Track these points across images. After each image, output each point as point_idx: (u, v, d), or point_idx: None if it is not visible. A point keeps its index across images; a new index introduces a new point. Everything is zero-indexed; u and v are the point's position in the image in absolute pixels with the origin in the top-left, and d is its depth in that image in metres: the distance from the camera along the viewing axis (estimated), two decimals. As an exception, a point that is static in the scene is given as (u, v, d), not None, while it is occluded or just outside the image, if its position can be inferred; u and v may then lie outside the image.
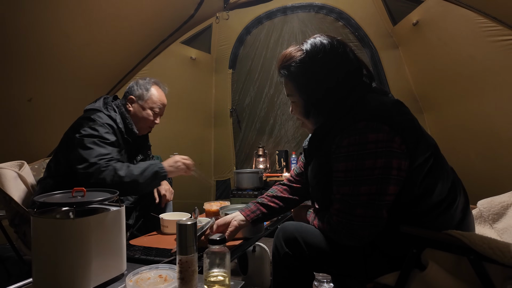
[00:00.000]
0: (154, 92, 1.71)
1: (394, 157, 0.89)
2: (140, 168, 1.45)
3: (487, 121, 2.26)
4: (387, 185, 0.90)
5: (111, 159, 1.45)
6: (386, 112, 0.93)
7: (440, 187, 0.94)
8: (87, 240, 0.88)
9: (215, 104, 3.61)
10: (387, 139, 0.89)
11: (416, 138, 0.93)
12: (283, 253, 1.07)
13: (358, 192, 0.91)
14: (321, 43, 1.01)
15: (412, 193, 0.93)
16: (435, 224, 0.95)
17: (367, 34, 2.97)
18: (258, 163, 3.15)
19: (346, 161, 0.92)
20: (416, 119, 1.01)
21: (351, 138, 0.91)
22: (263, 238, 1.55)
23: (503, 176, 2.17)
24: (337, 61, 1.00)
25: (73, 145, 1.45)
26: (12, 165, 1.61)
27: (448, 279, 0.89)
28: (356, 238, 0.93)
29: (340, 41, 1.03)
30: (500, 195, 1.24)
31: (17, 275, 1.82)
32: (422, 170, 0.93)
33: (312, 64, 1.00)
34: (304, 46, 1.02)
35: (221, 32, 3.41)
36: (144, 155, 1.81)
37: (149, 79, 1.76)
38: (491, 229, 1.19)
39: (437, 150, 1.00)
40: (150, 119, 1.71)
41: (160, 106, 1.73)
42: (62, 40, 2.19)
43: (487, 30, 2.04)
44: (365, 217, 0.91)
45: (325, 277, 1.83)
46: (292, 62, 1.02)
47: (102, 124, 1.52)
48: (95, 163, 1.38)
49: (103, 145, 1.46)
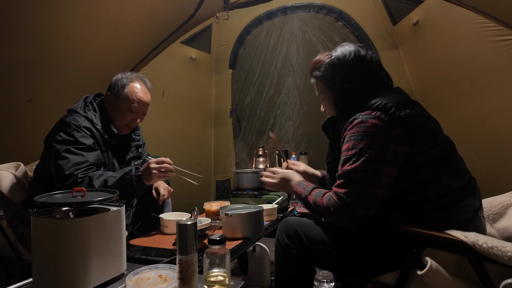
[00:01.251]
0: (131, 90, 1.57)
1: (391, 141, 0.99)
2: (115, 178, 1.38)
3: (487, 121, 2.25)
4: (382, 165, 0.98)
5: (88, 167, 1.40)
6: (391, 104, 1.02)
7: (447, 182, 0.99)
8: (87, 240, 0.88)
9: (215, 104, 3.60)
10: (386, 126, 1.00)
11: (419, 129, 1.01)
12: (284, 245, 1.12)
13: (356, 169, 0.99)
14: (347, 48, 1.17)
15: (413, 180, 1.00)
16: (439, 216, 0.98)
17: (367, 34, 2.97)
18: (258, 163, 3.15)
19: (348, 141, 1.03)
20: (428, 116, 1.11)
21: (355, 123, 1.03)
22: (263, 238, 1.56)
23: (503, 176, 2.17)
24: (360, 63, 1.14)
25: (50, 153, 1.43)
26: (8, 166, 1.62)
27: (448, 279, 0.89)
28: (350, 215, 0.99)
29: (364, 46, 1.19)
30: (500, 195, 1.25)
31: (17, 275, 1.82)
32: (423, 158, 1.00)
33: (339, 65, 1.15)
34: (333, 52, 1.19)
35: (221, 32, 3.41)
36: (133, 154, 1.74)
37: (129, 73, 1.64)
38: (491, 229, 1.19)
39: (450, 148, 1.09)
40: (127, 118, 1.60)
41: (137, 105, 1.58)
42: (62, 40, 2.18)
43: (487, 30, 2.04)
44: (360, 193, 0.98)
45: (325, 277, 1.83)
46: (321, 65, 1.19)
47: (77, 128, 1.45)
48: (71, 175, 1.35)
49: (78, 152, 1.41)
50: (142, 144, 1.84)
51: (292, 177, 1.26)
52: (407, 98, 1.13)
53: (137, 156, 1.79)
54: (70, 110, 1.56)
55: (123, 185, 1.36)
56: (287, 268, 1.13)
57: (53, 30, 2.09)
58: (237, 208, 1.51)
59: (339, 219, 1.01)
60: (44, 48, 2.14)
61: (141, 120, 1.68)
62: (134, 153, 1.76)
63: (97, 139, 1.52)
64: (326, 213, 1.04)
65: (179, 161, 1.79)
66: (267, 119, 3.41)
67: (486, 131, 2.28)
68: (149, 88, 1.67)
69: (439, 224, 0.95)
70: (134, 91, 1.58)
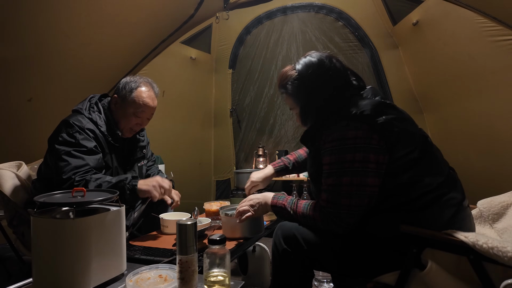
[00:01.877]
0: (138, 94, 1.56)
1: (372, 152, 1.00)
2: (109, 183, 1.37)
3: (487, 121, 2.25)
4: (366, 177, 0.99)
5: (87, 170, 1.39)
6: (367, 112, 1.03)
7: (428, 181, 1.00)
8: (87, 240, 0.88)
9: (215, 104, 3.60)
10: (365, 136, 1.00)
11: (397, 135, 1.02)
12: (281, 250, 1.10)
13: (341, 183, 1.01)
14: (310, 61, 1.15)
15: (395, 183, 1.01)
16: (424, 215, 0.99)
17: (367, 34, 2.97)
18: (258, 163, 3.15)
19: (330, 155, 1.04)
20: (403, 117, 1.09)
21: (334, 135, 1.04)
22: (263, 238, 1.55)
23: (503, 176, 2.17)
24: (325, 73, 1.13)
25: (52, 154, 1.43)
26: (10, 165, 1.61)
27: (448, 279, 0.89)
28: (344, 226, 1.02)
29: (328, 55, 1.17)
30: (500, 195, 1.24)
31: (17, 275, 1.82)
32: (403, 161, 1.01)
33: (304, 80, 1.15)
34: (296, 65, 1.17)
35: (221, 32, 3.41)
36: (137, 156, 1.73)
37: (138, 77, 1.63)
38: (491, 229, 1.19)
39: (427, 146, 1.08)
40: (132, 122, 1.59)
41: (143, 110, 1.58)
42: (62, 40, 2.18)
43: (487, 30, 2.04)
44: (350, 206, 1.00)
45: (325, 277, 1.83)
46: (288, 81, 1.18)
47: (80, 130, 1.44)
48: (68, 179, 1.35)
49: (79, 155, 1.40)
50: (146, 144, 1.82)
51: (266, 197, 1.25)
52: (381, 102, 1.11)
53: (142, 157, 1.77)
54: (75, 111, 1.55)
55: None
56: (285, 273, 1.12)
57: (53, 30, 2.09)
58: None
59: (333, 230, 1.04)
60: (44, 48, 2.14)
61: (145, 125, 1.68)
62: (138, 155, 1.74)
63: (100, 141, 1.51)
64: (321, 224, 1.06)
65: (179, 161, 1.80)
66: (267, 119, 3.41)
67: (486, 131, 2.28)
68: (156, 94, 1.65)
69: (426, 223, 0.96)
70: (142, 96, 1.57)
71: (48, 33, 2.09)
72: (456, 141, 2.51)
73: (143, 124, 1.65)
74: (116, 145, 1.59)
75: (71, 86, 2.41)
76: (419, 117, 2.73)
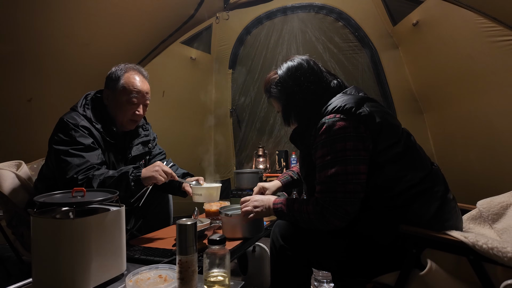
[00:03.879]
0: (127, 80, 1.52)
1: (360, 140, 1.03)
2: (112, 178, 1.36)
3: (487, 121, 2.26)
4: (358, 164, 1.02)
5: (89, 167, 1.38)
6: (350, 105, 1.06)
7: (411, 175, 1.03)
8: (87, 240, 0.88)
9: (215, 104, 3.60)
10: (353, 125, 1.04)
11: (380, 126, 1.04)
12: (279, 246, 1.11)
13: (336, 173, 1.03)
14: (290, 64, 1.23)
15: (382, 177, 1.03)
16: (412, 209, 1.01)
17: (367, 34, 2.97)
18: (258, 163, 3.15)
19: (322, 148, 1.07)
20: (385, 111, 1.12)
21: (324, 129, 1.06)
22: (263, 238, 1.55)
23: (503, 176, 2.17)
24: (303, 75, 1.19)
25: (51, 154, 1.43)
26: (9, 165, 1.60)
27: (448, 279, 0.89)
28: (341, 215, 1.02)
29: (307, 59, 1.24)
30: (500, 195, 1.24)
31: (17, 275, 1.82)
32: (385, 155, 1.04)
33: (285, 83, 1.21)
34: (278, 70, 1.25)
35: (221, 32, 3.41)
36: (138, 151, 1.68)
37: (123, 65, 1.58)
38: (491, 229, 1.19)
39: (411, 142, 1.11)
40: (128, 112, 1.54)
41: (136, 94, 1.52)
42: (62, 40, 2.19)
43: (487, 30, 2.04)
44: (345, 193, 1.02)
45: (325, 277, 1.83)
46: (271, 85, 1.25)
47: (74, 127, 1.42)
48: (71, 179, 1.34)
49: (78, 153, 1.39)
50: (152, 139, 1.78)
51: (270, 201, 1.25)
52: (363, 96, 1.14)
53: (146, 152, 1.73)
54: (71, 108, 1.55)
55: (120, 186, 1.34)
56: (283, 270, 1.12)
57: (53, 30, 2.10)
58: (237, 208, 1.51)
59: (331, 223, 1.03)
60: (44, 48, 2.14)
61: (144, 112, 1.62)
62: (140, 151, 1.69)
63: (96, 138, 1.50)
64: (316, 219, 1.05)
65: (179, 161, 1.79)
66: (267, 119, 3.41)
67: (486, 131, 2.28)
68: (146, 77, 1.60)
69: (414, 216, 0.99)
70: (131, 81, 1.53)
71: (48, 33, 2.09)
72: (456, 141, 2.50)
73: (141, 111, 1.59)
74: (112, 141, 1.55)
75: (71, 86, 2.41)
76: (419, 117, 2.72)
